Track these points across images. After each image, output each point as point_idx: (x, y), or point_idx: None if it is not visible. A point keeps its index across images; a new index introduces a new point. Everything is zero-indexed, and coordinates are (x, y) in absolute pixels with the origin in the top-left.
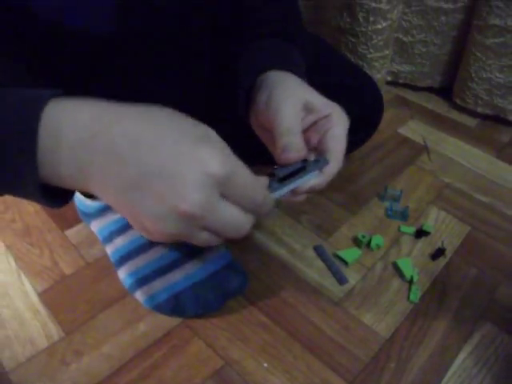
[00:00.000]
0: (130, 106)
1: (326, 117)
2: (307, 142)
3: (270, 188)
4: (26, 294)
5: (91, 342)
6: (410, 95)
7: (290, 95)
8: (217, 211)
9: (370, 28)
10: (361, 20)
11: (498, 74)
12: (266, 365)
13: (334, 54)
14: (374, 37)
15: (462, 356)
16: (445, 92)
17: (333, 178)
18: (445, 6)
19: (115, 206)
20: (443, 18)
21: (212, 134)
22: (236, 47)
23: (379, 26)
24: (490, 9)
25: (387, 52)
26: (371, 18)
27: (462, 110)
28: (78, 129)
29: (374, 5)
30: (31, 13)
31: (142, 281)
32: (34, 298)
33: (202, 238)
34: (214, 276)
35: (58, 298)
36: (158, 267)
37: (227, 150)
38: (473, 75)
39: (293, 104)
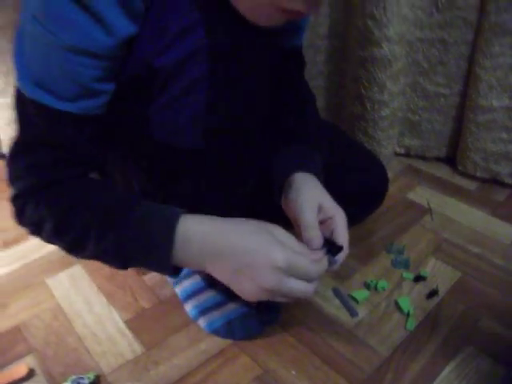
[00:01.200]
0: (230, 222)
1: (330, 218)
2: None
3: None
4: (115, 321)
5: (165, 356)
6: (420, 164)
7: (309, 199)
8: (286, 286)
9: (376, 115)
10: (368, 108)
11: (490, 144)
12: (294, 372)
13: (347, 138)
14: (380, 122)
15: (446, 371)
16: (450, 160)
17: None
18: (443, 91)
19: (221, 280)
20: (443, 100)
21: (278, 234)
22: (274, 149)
23: (383, 113)
24: (478, 93)
25: (392, 132)
26: (376, 107)
27: (463, 175)
28: (201, 238)
29: (378, 97)
30: (151, 138)
31: (203, 311)
32: (122, 325)
33: (281, 299)
34: (257, 309)
35: (139, 324)
36: (215, 302)
37: (289, 244)
38: (470, 146)
39: (311, 207)
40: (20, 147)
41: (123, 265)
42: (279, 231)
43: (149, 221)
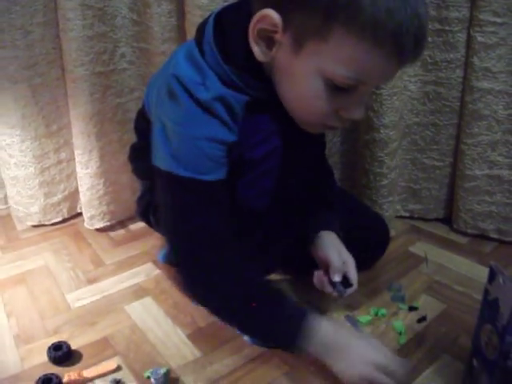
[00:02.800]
0: (347, 337)
1: (344, 262)
2: None
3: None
4: (179, 335)
5: (218, 358)
6: (422, 224)
7: (333, 246)
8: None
9: (377, 184)
10: (371, 178)
11: (476, 206)
12: (312, 369)
13: (357, 202)
14: (381, 189)
15: (427, 372)
16: (446, 220)
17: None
18: (437, 163)
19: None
20: (437, 172)
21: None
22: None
23: (383, 183)
24: (464, 164)
25: (391, 198)
26: (377, 178)
27: (457, 232)
28: (323, 338)
29: (378, 170)
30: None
31: None
32: (184, 337)
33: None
34: None
35: (197, 337)
36: None
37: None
38: (461, 208)
39: (335, 250)
40: (185, 235)
41: (262, 341)
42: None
43: (287, 324)
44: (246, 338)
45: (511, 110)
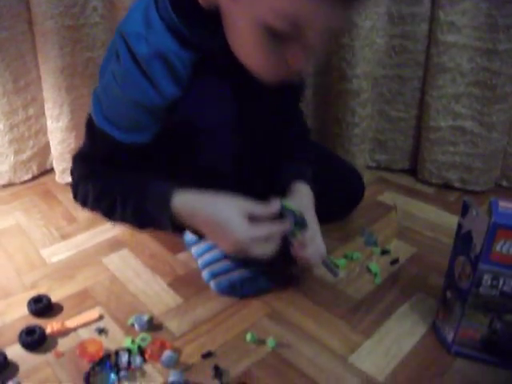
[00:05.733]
0: (210, 198)
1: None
2: None
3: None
4: (159, 283)
5: (199, 303)
6: (388, 175)
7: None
8: (248, 252)
9: (350, 133)
10: (344, 127)
11: (441, 156)
12: (292, 309)
13: (331, 154)
14: (353, 138)
15: (402, 308)
16: (412, 171)
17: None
18: (403, 115)
19: (207, 237)
20: (403, 123)
21: (247, 207)
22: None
23: (356, 131)
24: (429, 116)
25: (363, 147)
26: (350, 127)
27: (423, 182)
28: (188, 209)
29: (350, 119)
30: (197, 164)
31: (214, 276)
32: (165, 286)
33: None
34: (254, 278)
35: (178, 285)
36: (224, 269)
37: (256, 211)
38: (426, 158)
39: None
40: (84, 155)
41: (140, 226)
42: (247, 204)
43: (152, 196)
44: (212, 284)
45: (475, 63)
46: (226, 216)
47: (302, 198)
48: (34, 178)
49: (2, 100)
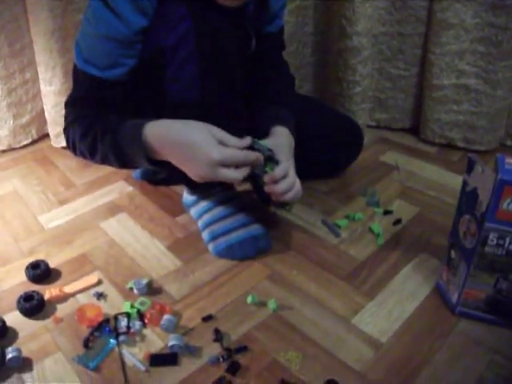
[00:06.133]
0: (181, 123)
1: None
2: None
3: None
4: (158, 247)
5: (199, 266)
6: (389, 135)
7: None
8: (221, 175)
9: (351, 92)
10: (345, 87)
11: (444, 115)
12: (295, 272)
13: (326, 106)
14: (354, 97)
15: (406, 268)
16: (413, 130)
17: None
18: (403, 73)
19: (177, 166)
20: (404, 81)
21: (217, 132)
22: (256, 105)
23: (356, 90)
24: (431, 74)
25: (364, 106)
26: (350, 86)
27: (425, 142)
28: (159, 137)
29: (351, 78)
30: (164, 94)
31: (213, 238)
32: (163, 249)
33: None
34: (253, 238)
35: (177, 248)
36: (223, 231)
37: (225, 139)
38: (429, 118)
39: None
40: (71, 98)
41: (120, 163)
42: (218, 130)
43: (125, 130)
44: (210, 246)
45: (479, 18)
46: (197, 137)
47: (277, 138)
48: (34, 142)
49: None
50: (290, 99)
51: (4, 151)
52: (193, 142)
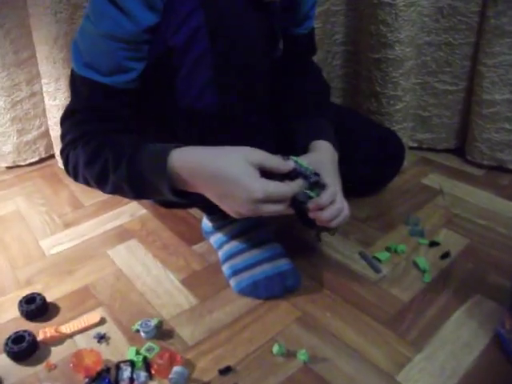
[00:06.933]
0: (214, 151)
1: None
2: None
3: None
4: (171, 280)
5: (218, 305)
6: (432, 156)
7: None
8: (262, 211)
9: (391, 109)
10: (384, 104)
11: (495, 135)
12: (328, 314)
13: (362, 116)
14: (395, 114)
15: (458, 312)
16: (459, 151)
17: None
18: (450, 88)
19: (212, 200)
20: (450, 97)
21: (254, 161)
22: (290, 115)
23: (397, 107)
24: (482, 88)
25: (405, 124)
26: (391, 102)
27: (472, 164)
28: (189, 167)
29: (392, 93)
30: (176, 105)
31: (235, 272)
32: (177, 283)
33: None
34: (281, 275)
35: (193, 282)
36: (246, 264)
37: (263, 180)
38: (477, 137)
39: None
40: (69, 112)
41: (137, 193)
42: (256, 153)
43: (147, 155)
44: (232, 282)
45: None
46: (235, 170)
47: (320, 155)
48: (42, 160)
49: (1, 73)
50: (329, 109)
51: (9, 167)
52: (230, 176)
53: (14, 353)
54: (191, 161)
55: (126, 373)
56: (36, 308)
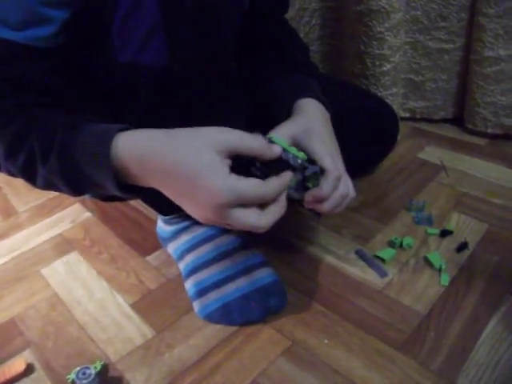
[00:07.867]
0: (169, 134)
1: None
2: None
3: None
4: (119, 305)
5: (180, 337)
6: (427, 126)
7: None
8: (231, 219)
9: (377, 70)
10: (369, 65)
11: (500, 98)
12: (326, 341)
13: (349, 84)
14: (382, 78)
15: (492, 324)
16: (457, 121)
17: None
18: (446, 46)
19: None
20: (446, 57)
21: (220, 163)
22: (265, 75)
23: (384, 69)
24: (483, 44)
25: (395, 90)
26: (377, 63)
27: (473, 133)
28: (138, 156)
29: (377, 51)
30: (113, 60)
31: (200, 292)
32: (127, 309)
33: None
34: (261, 292)
35: (147, 306)
36: (217, 280)
37: (231, 177)
38: (479, 101)
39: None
40: None
41: (74, 189)
42: (230, 135)
43: (84, 140)
44: (196, 305)
45: None
46: (196, 163)
47: (308, 119)
48: None
49: None
50: (314, 68)
51: None
52: (189, 172)
53: None
54: (142, 149)
55: None
56: None
